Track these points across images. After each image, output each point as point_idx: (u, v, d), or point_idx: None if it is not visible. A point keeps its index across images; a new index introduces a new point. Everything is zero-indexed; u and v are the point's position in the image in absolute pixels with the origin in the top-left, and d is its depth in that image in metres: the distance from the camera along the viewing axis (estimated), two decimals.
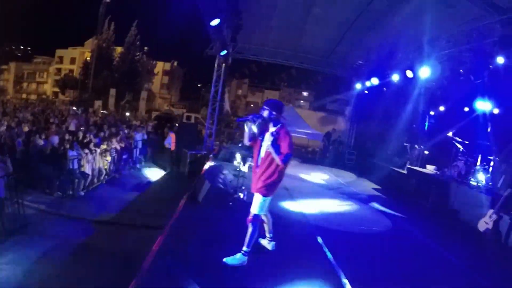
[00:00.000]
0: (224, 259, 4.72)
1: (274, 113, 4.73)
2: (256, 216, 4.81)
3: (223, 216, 6.84)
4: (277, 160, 4.58)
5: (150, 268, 4.22)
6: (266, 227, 5.29)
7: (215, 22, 10.50)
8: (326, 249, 5.81)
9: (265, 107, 4.73)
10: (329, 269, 5.10)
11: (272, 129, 4.75)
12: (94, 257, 7.61)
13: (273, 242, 5.35)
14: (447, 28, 10.88)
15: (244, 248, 4.78)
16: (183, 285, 3.90)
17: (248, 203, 7.21)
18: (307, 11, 11.99)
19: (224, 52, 14.13)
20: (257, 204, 4.80)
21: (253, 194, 4.98)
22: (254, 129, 4.78)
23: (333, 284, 4.66)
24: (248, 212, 4.87)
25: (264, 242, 5.38)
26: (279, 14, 12.64)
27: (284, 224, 6.80)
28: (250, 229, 4.79)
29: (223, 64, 15.83)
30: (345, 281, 4.74)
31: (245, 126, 4.79)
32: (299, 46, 16.10)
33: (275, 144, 4.62)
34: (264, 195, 4.79)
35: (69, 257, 7.53)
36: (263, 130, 4.80)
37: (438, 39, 11.54)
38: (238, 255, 4.78)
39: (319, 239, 6.20)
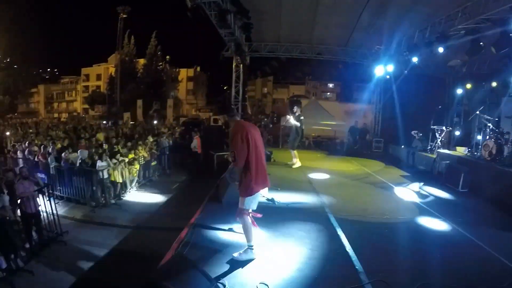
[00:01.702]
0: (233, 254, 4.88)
1: (227, 114, 5.06)
2: (246, 211, 4.93)
3: None
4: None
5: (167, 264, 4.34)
6: None
7: (223, 23, 10.59)
8: (345, 240, 5.72)
9: (218, 113, 5.11)
10: (347, 261, 5.04)
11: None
12: (126, 260, 7.95)
13: None
14: (461, 1, 10.53)
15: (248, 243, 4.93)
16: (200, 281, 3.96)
17: (269, 201, 7.23)
18: (316, 1, 11.88)
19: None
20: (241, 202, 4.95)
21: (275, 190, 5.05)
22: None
23: (351, 275, 4.61)
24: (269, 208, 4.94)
25: None
26: (286, 9, 12.61)
27: (305, 218, 6.82)
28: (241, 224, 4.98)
29: (241, 65, 15.95)
30: (362, 271, 4.69)
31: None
32: (314, 38, 16.02)
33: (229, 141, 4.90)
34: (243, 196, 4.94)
35: (101, 261, 7.90)
36: None
37: (453, 13, 11.18)
38: (246, 250, 4.92)
39: (339, 231, 6.12)
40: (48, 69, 66.96)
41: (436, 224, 6.95)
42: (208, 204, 7.41)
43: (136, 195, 13.05)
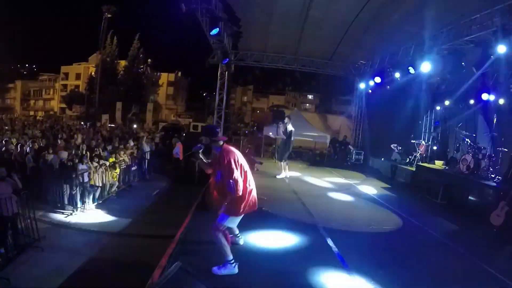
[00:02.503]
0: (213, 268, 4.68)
1: (211, 138, 4.83)
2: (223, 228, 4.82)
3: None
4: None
5: (160, 276, 4.28)
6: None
7: (214, 31, 10.63)
8: (336, 250, 5.82)
9: (203, 135, 4.90)
10: (340, 269, 5.12)
11: (214, 153, 4.89)
12: (107, 268, 7.71)
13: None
14: (446, 21, 10.91)
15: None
16: None
17: (258, 208, 7.32)
18: (305, 14, 12.06)
19: (226, 61, 14.26)
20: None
21: (261, 199, 5.30)
22: (203, 157, 4.97)
23: (344, 284, 4.68)
24: (256, 216, 5.15)
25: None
26: (277, 19, 12.75)
27: (293, 227, 6.87)
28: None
29: (226, 72, 15.98)
30: (356, 279, 4.76)
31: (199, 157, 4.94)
32: (300, 50, 16.24)
33: (220, 167, 4.75)
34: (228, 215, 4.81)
35: (81, 269, 7.68)
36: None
37: (437, 33, 11.54)
38: (228, 266, 4.73)
39: (329, 241, 6.21)
40: (27, 65, 65.50)
41: (418, 234, 7.38)
42: (195, 213, 7.35)
43: (116, 200, 12.77)
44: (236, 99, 58.04)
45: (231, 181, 4.56)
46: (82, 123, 34.39)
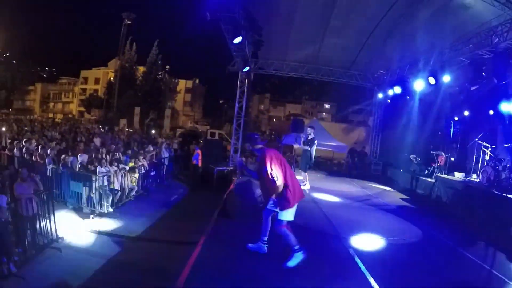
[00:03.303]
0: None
1: (252, 144, 5.68)
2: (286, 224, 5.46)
3: (255, 231, 6.87)
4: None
5: (186, 282, 4.32)
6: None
7: (237, 40, 10.72)
8: (358, 261, 5.81)
9: (246, 142, 5.53)
10: (363, 281, 5.11)
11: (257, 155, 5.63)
12: (125, 272, 7.75)
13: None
14: (466, 30, 10.83)
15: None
16: None
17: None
18: (325, 23, 12.11)
19: (246, 69, 14.35)
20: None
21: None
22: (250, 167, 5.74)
23: None
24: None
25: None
26: (297, 28, 12.82)
27: (315, 238, 6.90)
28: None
29: (246, 80, 16.06)
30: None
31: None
32: (319, 59, 16.25)
33: (261, 166, 5.43)
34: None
35: (99, 272, 7.74)
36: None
37: (457, 43, 11.45)
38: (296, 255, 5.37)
39: (351, 251, 6.23)
40: (47, 68, 66.90)
41: (441, 247, 7.35)
42: (218, 221, 7.39)
43: (134, 205, 12.88)
44: (252, 107, 58.14)
45: (272, 176, 5.23)
46: (100, 127, 34.85)
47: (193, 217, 11.01)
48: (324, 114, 56.16)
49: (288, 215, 5.44)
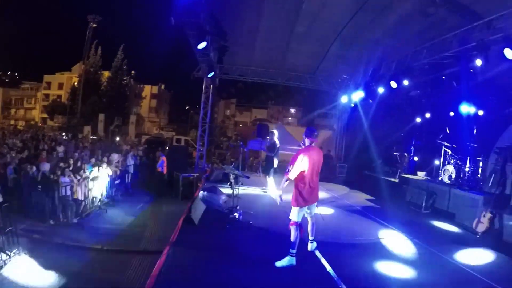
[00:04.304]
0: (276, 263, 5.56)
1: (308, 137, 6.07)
2: (294, 222, 5.78)
3: (220, 237, 6.89)
4: None
5: None
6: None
7: (202, 45, 10.68)
8: (324, 262, 5.88)
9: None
10: (329, 282, 5.17)
11: None
12: (90, 285, 7.55)
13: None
14: (428, 37, 11.18)
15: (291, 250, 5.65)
16: None
17: (244, 223, 7.37)
18: (290, 30, 12.24)
19: (211, 74, 14.31)
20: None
21: (248, 214, 6.17)
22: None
23: None
24: (244, 231, 5.68)
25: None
26: (262, 34, 12.89)
27: (279, 240, 6.88)
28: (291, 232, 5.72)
29: (211, 86, 16.01)
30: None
31: None
32: (284, 64, 16.40)
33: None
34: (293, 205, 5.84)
35: (63, 285, 7.48)
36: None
37: (419, 48, 11.83)
38: (287, 258, 5.60)
39: (317, 253, 6.26)
40: (9, 72, 63.94)
41: (405, 243, 7.52)
42: (183, 228, 7.30)
43: (99, 215, 12.58)
44: (219, 113, 57.98)
45: (288, 168, 5.83)
46: (63, 134, 33.80)
47: (158, 225, 10.89)
48: (290, 118, 56.60)
49: (293, 214, 5.82)
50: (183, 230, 7.06)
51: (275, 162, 11.68)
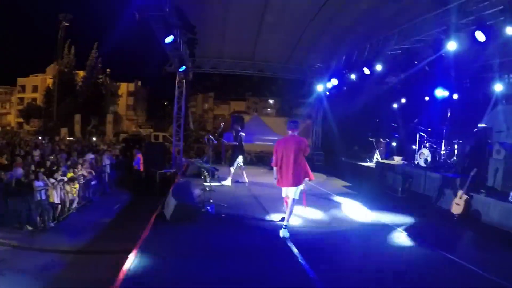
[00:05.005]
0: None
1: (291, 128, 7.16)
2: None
3: (191, 231, 6.87)
4: None
5: None
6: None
7: (169, 39, 10.52)
8: (296, 251, 5.85)
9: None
10: (299, 270, 5.15)
11: None
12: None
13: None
14: (399, 22, 11.17)
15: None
16: None
17: (216, 216, 7.57)
18: (260, 19, 12.13)
19: (183, 68, 14.14)
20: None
21: (221, 206, 7.05)
22: None
23: (304, 285, 4.72)
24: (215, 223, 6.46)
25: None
26: (232, 26, 12.74)
27: (250, 231, 7.04)
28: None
29: (184, 80, 15.85)
30: (317, 279, 4.80)
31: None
32: (256, 55, 16.34)
33: None
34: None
35: None
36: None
37: (390, 34, 11.88)
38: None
39: (288, 242, 6.26)
40: None
41: (380, 229, 7.49)
42: (155, 224, 7.25)
43: (76, 217, 12.43)
44: (197, 107, 57.59)
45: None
46: (40, 137, 33.11)
47: (135, 224, 10.78)
48: (268, 109, 56.64)
49: (282, 191, 7.18)
50: (154, 226, 7.02)
51: (240, 153, 11.68)
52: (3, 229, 10.72)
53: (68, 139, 31.28)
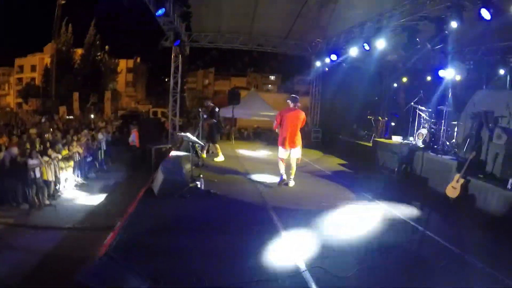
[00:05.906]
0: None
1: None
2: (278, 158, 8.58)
3: (179, 206, 6.76)
4: None
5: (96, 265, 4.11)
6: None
7: (160, 12, 10.27)
8: (281, 229, 5.72)
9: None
10: (284, 249, 5.05)
11: None
12: (62, 265, 7.46)
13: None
14: None
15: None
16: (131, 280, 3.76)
17: (205, 191, 7.54)
18: None
19: (177, 42, 13.83)
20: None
21: (211, 182, 7.48)
22: None
23: (289, 263, 4.60)
24: (204, 199, 6.96)
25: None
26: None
27: (239, 207, 6.96)
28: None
29: (180, 55, 15.57)
30: (300, 258, 4.71)
31: None
32: (254, 29, 16.01)
33: None
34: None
35: (37, 267, 7.40)
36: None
37: (391, 10, 11.54)
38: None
39: (276, 220, 6.13)
40: None
41: (373, 208, 7.33)
42: (142, 199, 7.15)
43: (72, 194, 12.44)
44: (197, 83, 57.18)
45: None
46: (38, 116, 32.93)
47: (130, 200, 10.75)
48: (269, 86, 56.23)
49: (279, 152, 8.45)
50: (142, 201, 6.93)
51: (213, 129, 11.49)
52: (1, 207, 10.78)
53: (67, 117, 31.11)
